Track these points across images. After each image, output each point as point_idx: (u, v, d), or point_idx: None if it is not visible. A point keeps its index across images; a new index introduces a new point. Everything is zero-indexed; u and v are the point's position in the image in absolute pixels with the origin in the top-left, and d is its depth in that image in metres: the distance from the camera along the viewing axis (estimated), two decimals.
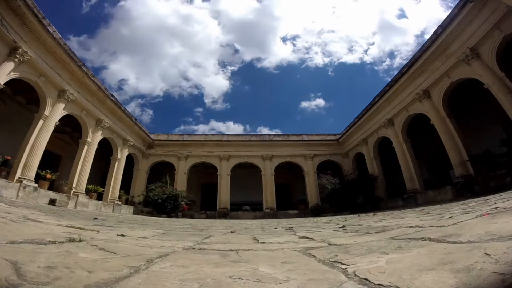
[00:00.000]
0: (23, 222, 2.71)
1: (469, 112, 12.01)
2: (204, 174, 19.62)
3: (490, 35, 8.29)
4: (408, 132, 13.37)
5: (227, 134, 20.36)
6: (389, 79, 13.94)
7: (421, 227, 2.50)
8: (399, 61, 60.57)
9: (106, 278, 0.99)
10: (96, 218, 5.34)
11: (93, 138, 13.18)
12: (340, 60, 62.96)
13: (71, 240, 1.82)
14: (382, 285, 0.87)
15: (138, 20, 54.33)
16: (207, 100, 61.89)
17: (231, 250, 1.85)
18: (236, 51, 61.92)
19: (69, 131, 14.35)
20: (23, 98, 12.03)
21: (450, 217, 3.01)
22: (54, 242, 1.66)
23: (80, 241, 1.86)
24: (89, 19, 55.69)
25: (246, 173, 19.28)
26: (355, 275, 1.03)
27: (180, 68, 61.00)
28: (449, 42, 9.71)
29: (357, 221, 5.22)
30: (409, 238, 1.88)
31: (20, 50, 8.49)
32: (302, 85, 58.56)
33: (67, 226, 2.85)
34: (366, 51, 65.74)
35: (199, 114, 62.13)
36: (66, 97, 10.96)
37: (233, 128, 57.60)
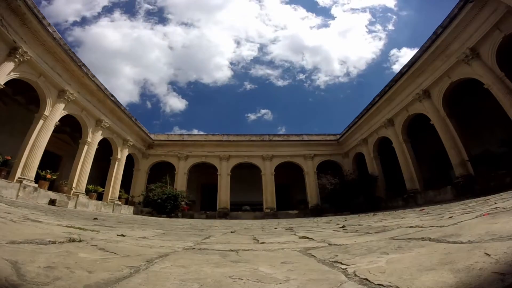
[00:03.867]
0: (23, 222, 2.71)
1: (469, 112, 11.99)
2: (204, 174, 19.61)
3: (490, 35, 8.29)
4: (408, 132, 13.38)
5: (227, 134, 20.36)
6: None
7: (421, 227, 2.49)
8: (324, 79, 61.56)
9: (106, 278, 0.99)
10: (96, 218, 5.34)
11: (93, 138, 13.19)
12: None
13: (71, 240, 1.82)
14: (382, 285, 0.87)
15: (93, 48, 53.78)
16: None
17: (231, 250, 1.85)
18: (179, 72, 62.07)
19: (69, 131, 14.34)
20: (23, 98, 12.03)
21: (450, 217, 3.01)
22: (54, 242, 1.65)
23: (80, 241, 1.86)
24: None
25: (246, 173, 19.29)
26: (355, 275, 1.03)
27: (140, 86, 60.67)
28: (449, 42, 9.72)
29: (357, 221, 5.22)
30: (409, 238, 1.88)
31: (20, 50, 8.49)
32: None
33: (67, 226, 2.85)
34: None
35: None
36: (66, 97, 10.95)
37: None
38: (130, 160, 17.15)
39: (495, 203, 3.77)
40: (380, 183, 14.95)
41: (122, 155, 15.72)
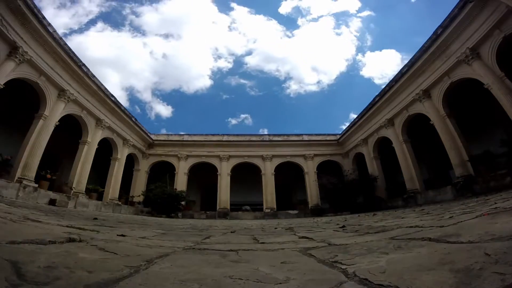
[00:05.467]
0: (23, 222, 2.71)
1: (469, 112, 12.00)
2: (204, 174, 19.60)
3: (490, 35, 8.29)
4: (408, 132, 13.37)
5: (227, 134, 20.38)
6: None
7: (421, 227, 2.49)
8: (296, 88, 63.80)
9: (106, 278, 0.99)
10: (96, 218, 5.34)
11: (93, 138, 13.20)
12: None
13: (71, 240, 1.82)
14: (382, 285, 0.87)
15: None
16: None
17: (231, 250, 1.85)
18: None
19: (69, 131, 14.35)
20: (23, 98, 12.04)
21: (450, 217, 3.01)
22: (54, 242, 1.65)
23: (80, 241, 1.86)
24: None
25: (246, 173, 19.28)
26: (355, 275, 1.03)
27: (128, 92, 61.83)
28: (449, 42, 9.73)
29: (357, 221, 5.22)
30: (409, 238, 1.88)
31: (20, 50, 8.50)
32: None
33: (67, 226, 2.85)
34: None
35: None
36: (66, 97, 10.97)
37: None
38: (130, 160, 17.15)
39: (495, 203, 3.77)
40: (380, 183, 14.94)
41: (122, 155, 15.73)
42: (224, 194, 17.77)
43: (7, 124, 11.64)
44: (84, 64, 11.49)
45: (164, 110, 62.18)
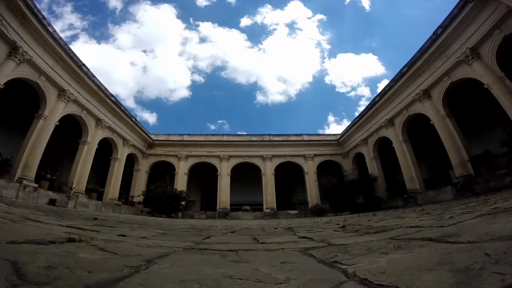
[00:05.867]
0: (23, 222, 2.71)
1: (469, 112, 11.99)
2: (204, 174, 19.60)
3: (490, 35, 8.29)
4: (408, 132, 13.36)
5: (227, 134, 20.41)
6: None
7: (421, 227, 2.50)
8: (263, 98, 68.22)
9: (106, 278, 0.99)
10: (96, 218, 5.34)
11: (93, 138, 13.21)
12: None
13: (71, 240, 1.82)
14: (382, 285, 0.87)
15: None
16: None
17: (231, 250, 1.85)
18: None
19: (69, 130, 14.37)
20: (23, 98, 12.04)
21: (450, 217, 3.01)
22: (54, 242, 1.65)
23: (80, 241, 1.86)
24: None
25: (246, 173, 19.27)
26: (355, 275, 1.03)
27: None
28: (449, 42, 9.73)
29: (357, 221, 5.22)
30: (409, 238, 1.88)
31: (20, 50, 8.51)
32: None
33: (67, 226, 2.86)
34: None
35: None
36: (66, 97, 10.98)
37: None
38: (130, 160, 17.15)
39: (495, 203, 3.77)
40: (380, 183, 14.94)
41: (122, 155, 15.73)
42: (224, 194, 17.76)
43: (7, 124, 11.63)
44: (84, 64, 11.48)
45: (149, 117, 66.82)
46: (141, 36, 62.94)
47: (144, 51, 66.90)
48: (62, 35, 10.14)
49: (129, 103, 63.34)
